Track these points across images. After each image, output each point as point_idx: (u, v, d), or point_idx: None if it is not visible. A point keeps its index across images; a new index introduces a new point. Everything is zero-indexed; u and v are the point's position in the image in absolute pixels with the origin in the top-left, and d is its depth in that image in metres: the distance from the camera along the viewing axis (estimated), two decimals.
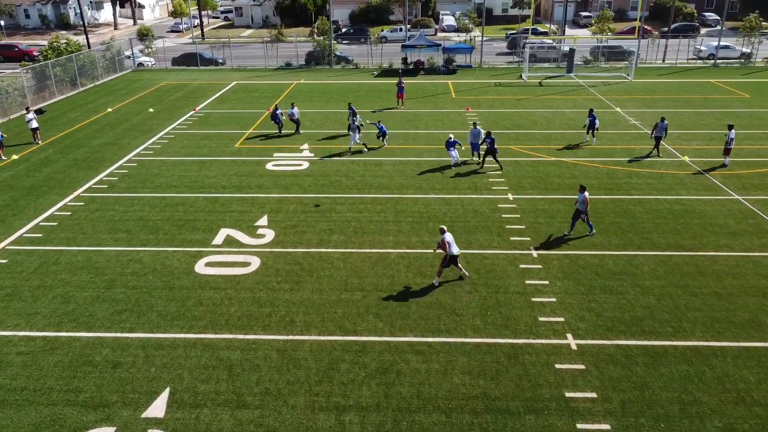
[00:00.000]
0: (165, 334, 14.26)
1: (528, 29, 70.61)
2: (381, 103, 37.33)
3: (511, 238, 18.98)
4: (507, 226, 19.82)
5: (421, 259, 17.76)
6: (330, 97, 39.58)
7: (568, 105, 36.29)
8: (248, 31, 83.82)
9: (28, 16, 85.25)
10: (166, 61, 54.25)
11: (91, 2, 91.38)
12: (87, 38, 52.19)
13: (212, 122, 33.36)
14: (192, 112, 35.58)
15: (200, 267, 17.43)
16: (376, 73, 48.15)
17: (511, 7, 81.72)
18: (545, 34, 68.81)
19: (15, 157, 27.52)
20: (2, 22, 79.28)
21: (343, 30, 73.75)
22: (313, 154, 27.43)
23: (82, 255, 18.19)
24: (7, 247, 18.78)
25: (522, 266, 17.27)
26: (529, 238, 18.96)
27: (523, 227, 19.75)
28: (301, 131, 30.82)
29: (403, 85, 35.91)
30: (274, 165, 26.05)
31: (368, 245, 18.64)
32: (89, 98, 40.01)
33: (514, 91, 40.67)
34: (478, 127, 25.87)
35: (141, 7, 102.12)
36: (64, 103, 38.72)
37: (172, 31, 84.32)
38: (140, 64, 53.66)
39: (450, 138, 25.56)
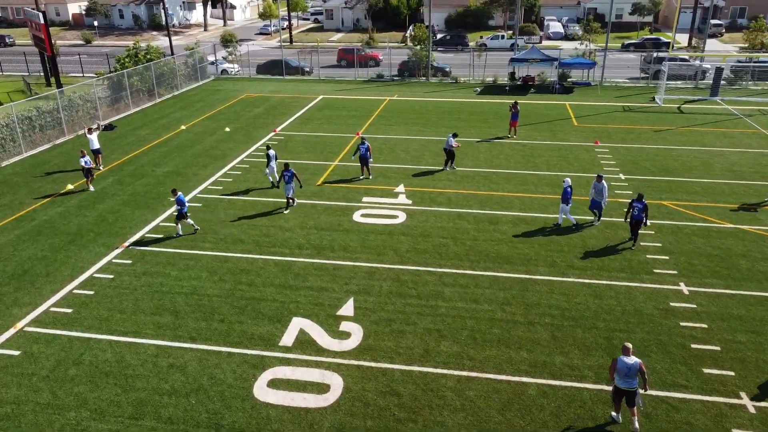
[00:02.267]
0: None
1: (645, 38, 62.62)
2: (487, 130, 31.60)
3: (705, 371, 12.93)
4: (692, 345, 13.76)
5: (575, 400, 12.11)
6: (429, 118, 34.23)
7: (725, 142, 29.10)
8: (338, 35, 80.00)
9: (122, 17, 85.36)
10: (251, 67, 50.76)
11: (183, 2, 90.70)
12: (170, 42, 49.54)
13: (292, 148, 28.85)
14: (272, 134, 31.30)
15: (261, 388, 12.57)
16: (478, 90, 42.26)
17: (630, 14, 73.18)
18: (668, 44, 60.40)
19: (70, 186, 24.02)
20: (96, 23, 79.51)
21: (439, 36, 68.18)
22: (410, 201, 22.19)
23: (112, 351, 13.79)
24: (26, 329, 14.72)
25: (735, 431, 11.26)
26: (732, 373, 12.85)
27: (718, 349, 13.63)
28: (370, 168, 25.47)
29: (518, 110, 29.99)
30: (362, 215, 21.02)
31: (493, 366, 13.17)
32: (164, 111, 36.69)
33: (648, 118, 33.73)
34: (603, 181, 19.37)
35: (232, 7, 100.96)
36: (137, 117, 35.52)
37: (261, 34, 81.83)
38: (224, 71, 50.47)
39: (566, 185, 19.51)
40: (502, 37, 64.21)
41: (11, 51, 64.73)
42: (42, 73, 46.49)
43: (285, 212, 21.13)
